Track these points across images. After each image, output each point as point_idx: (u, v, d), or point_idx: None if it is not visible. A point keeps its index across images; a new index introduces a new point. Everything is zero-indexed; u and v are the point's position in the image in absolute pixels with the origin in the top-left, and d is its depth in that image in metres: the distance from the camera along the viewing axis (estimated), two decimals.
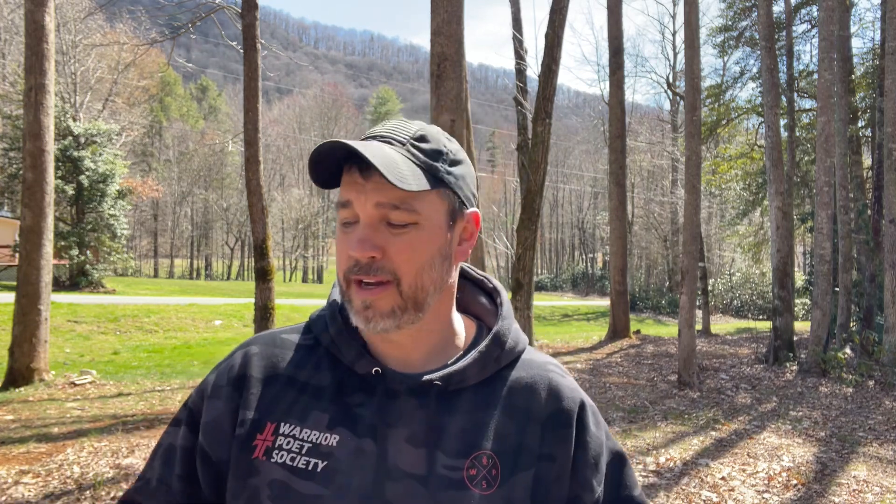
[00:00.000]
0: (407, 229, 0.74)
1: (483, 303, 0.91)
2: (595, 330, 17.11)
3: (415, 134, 0.77)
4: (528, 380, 0.83)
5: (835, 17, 10.13)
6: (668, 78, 28.22)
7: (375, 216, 0.73)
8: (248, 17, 8.55)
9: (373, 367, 0.78)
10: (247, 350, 0.85)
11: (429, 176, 0.75)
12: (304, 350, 0.84)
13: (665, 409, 7.29)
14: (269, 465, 0.75)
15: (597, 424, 0.85)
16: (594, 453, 0.82)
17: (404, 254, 0.74)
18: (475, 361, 0.80)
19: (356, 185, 0.73)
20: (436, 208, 0.76)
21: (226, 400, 0.81)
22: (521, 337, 0.86)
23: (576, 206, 53.39)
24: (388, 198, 0.73)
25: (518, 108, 11.14)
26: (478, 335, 0.87)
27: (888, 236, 9.21)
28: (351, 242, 0.74)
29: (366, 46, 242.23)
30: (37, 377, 7.40)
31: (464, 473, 0.75)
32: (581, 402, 0.84)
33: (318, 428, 0.76)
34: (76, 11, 23.30)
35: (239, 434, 0.78)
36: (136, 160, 40.51)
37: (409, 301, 0.75)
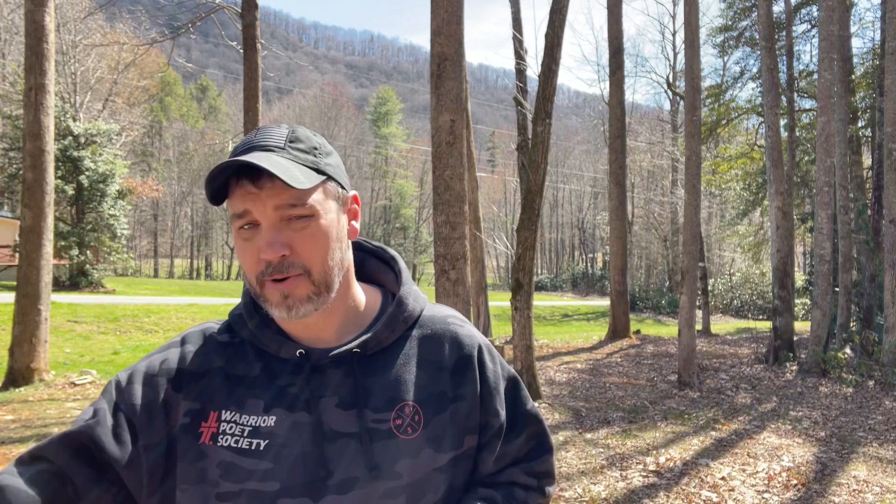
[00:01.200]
0: (306, 222, 0.82)
1: (384, 272, 1.02)
2: (595, 330, 17.11)
3: (288, 136, 0.85)
4: (432, 334, 0.94)
5: (835, 17, 10.13)
6: (668, 78, 28.21)
7: (275, 218, 0.81)
8: (248, 17, 8.55)
9: (296, 350, 0.87)
10: (182, 348, 0.91)
11: (313, 171, 0.84)
12: (230, 347, 0.91)
13: (665, 409, 7.29)
14: (216, 448, 0.82)
15: (492, 360, 0.97)
16: (494, 384, 0.95)
17: (309, 245, 0.82)
18: (384, 326, 0.90)
19: (250, 195, 0.80)
20: (325, 198, 0.85)
21: (162, 389, 0.85)
22: (420, 296, 0.97)
23: (576, 206, 53.37)
24: (284, 199, 0.80)
25: (518, 108, 11.14)
26: (384, 302, 0.98)
27: (888, 236, 9.21)
28: (259, 247, 0.81)
29: (366, 46, 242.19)
30: (37, 377, 7.40)
31: (391, 424, 0.85)
32: (478, 345, 0.96)
33: (256, 413, 0.84)
34: (76, 11, 23.29)
35: (184, 423, 0.84)
36: (136, 160, 40.50)
37: (321, 286, 0.84)
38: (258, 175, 0.80)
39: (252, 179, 0.80)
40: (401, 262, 1.01)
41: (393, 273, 1.01)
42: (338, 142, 57.41)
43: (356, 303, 0.94)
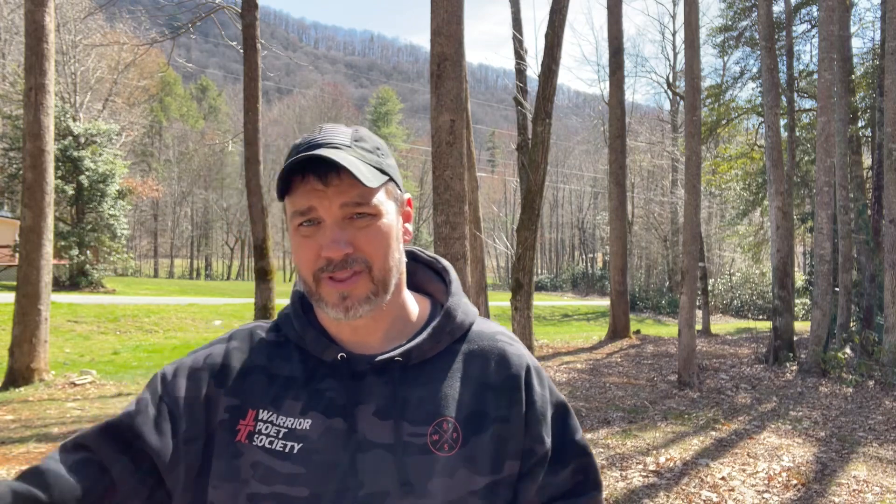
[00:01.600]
0: (370, 221, 0.82)
1: (435, 282, 1.00)
2: (595, 330, 17.11)
3: (353, 136, 0.85)
4: (479, 350, 0.91)
5: (835, 17, 10.13)
6: (668, 78, 28.21)
7: (340, 216, 0.81)
8: (248, 17, 8.56)
9: (338, 353, 0.85)
10: (228, 344, 0.91)
11: (377, 171, 0.84)
12: (275, 346, 0.91)
13: (665, 409, 7.29)
14: (252, 447, 0.82)
15: (541, 383, 0.92)
16: (541, 410, 0.90)
17: (373, 244, 0.82)
18: (430, 336, 0.88)
19: (316, 192, 0.80)
20: (387, 198, 0.86)
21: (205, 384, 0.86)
22: (470, 310, 0.94)
23: (576, 206, 53.37)
24: (351, 197, 0.80)
25: (518, 108, 11.14)
26: (432, 312, 0.95)
27: (888, 236, 9.21)
28: (321, 244, 0.80)
29: (366, 46, 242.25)
30: (37, 377, 7.40)
31: (427, 439, 0.82)
32: (527, 366, 0.92)
33: (292, 414, 0.83)
34: (76, 11, 23.30)
35: (223, 419, 0.84)
36: (136, 160, 40.49)
37: (380, 284, 0.83)
38: (325, 172, 0.80)
39: (319, 176, 0.80)
40: (453, 273, 0.99)
41: (444, 283, 0.99)
42: None
43: (405, 310, 0.92)
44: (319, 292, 0.82)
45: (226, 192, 47.52)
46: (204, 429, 0.84)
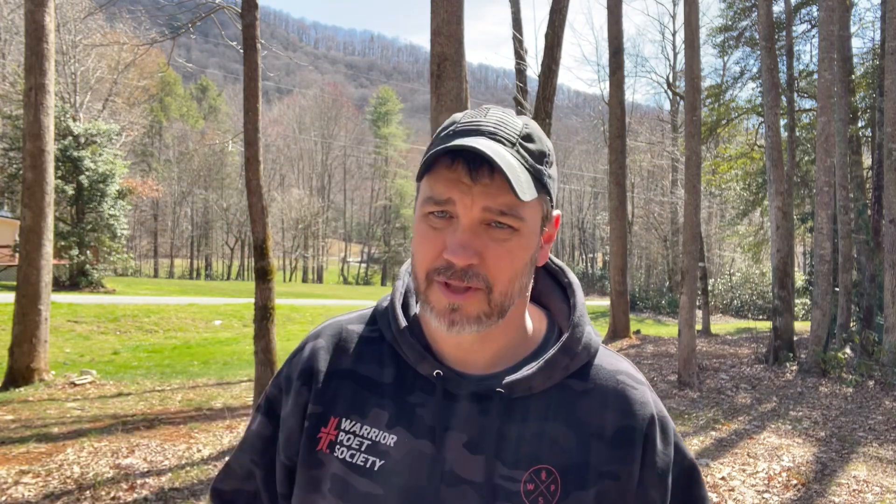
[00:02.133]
0: (508, 235, 0.71)
1: (556, 296, 0.87)
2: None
3: (522, 132, 0.74)
4: (595, 391, 0.78)
5: (835, 17, 10.13)
6: (668, 78, 28.22)
7: (478, 219, 0.70)
8: (248, 17, 8.55)
9: (434, 370, 0.77)
10: (314, 343, 0.86)
11: (536, 181, 0.73)
12: (368, 342, 0.83)
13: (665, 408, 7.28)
14: (332, 458, 0.77)
15: (665, 440, 0.80)
16: (661, 471, 0.78)
17: (503, 261, 0.71)
18: (540, 370, 0.76)
19: (461, 185, 0.70)
20: (535, 214, 0.74)
21: (295, 395, 0.83)
22: (592, 341, 0.81)
23: (576, 206, 53.38)
24: (498, 203, 0.70)
25: (518, 108, 11.13)
26: (548, 335, 0.83)
27: (888, 236, 9.21)
28: (447, 243, 0.70)
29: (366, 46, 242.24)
30: (37, 377, 7.40)
31: (521, 486, 0.73)
32: (650, 417, 0.79)
33: (378, 426, 0.77)
34: (76, 11, 23.29)
35: (307, 427, 0.80)
36: (136, 160, 40.50)
37: (496, 308, 0.72)
38: (478, 165, 0.69)
39: (469, 168, 0.69)
40: (578, 291, 0.85)
41: (566, 303, 0.86)
42: (338, 142, 57.44)
43: (521, 331, 0.81)
44: (429, 295, 0.73)
45: (226, 192, 47.51)
46: (296, 446, 0.81)
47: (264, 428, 0.86)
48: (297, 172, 58.92)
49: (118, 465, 4.50)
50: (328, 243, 58.60)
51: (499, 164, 0.66)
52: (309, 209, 50.34)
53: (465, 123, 0.74)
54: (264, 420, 0.86)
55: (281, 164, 55.58)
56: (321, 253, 55.54)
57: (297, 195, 51.02)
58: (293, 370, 0.85)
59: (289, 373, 0.85)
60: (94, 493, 3.93)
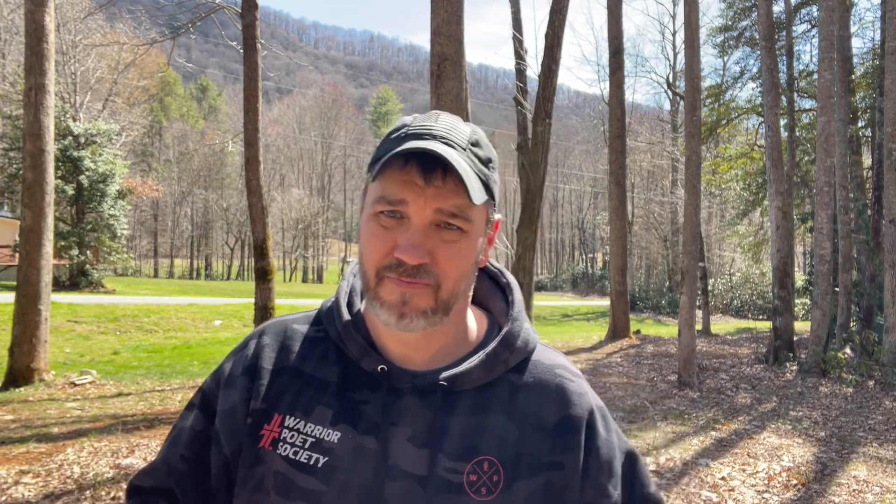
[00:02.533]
0: (457, 236, 0.73)
1: (496, 298, 0.90)
2: (595, 330, 17.11)
3: (471, 138, 0.76)
4: (535, 384, 0.81)
5: (835, 17, 10.13)
6: (668, 78, 28.23)
7: (430, 220, 0.72)
8: (248, 17, 8.55)
9: (378, 365, 0.78)
10: (259, 340, 0.86)
11: (484, 186, 0.75)
12: (312, 342, 0.84)
13: (665, 409, 7.29)
14: (274, 455, 0.77)
15: (607, 428, 0.83)
16: (607, 458, 0.80)
17: (452, 262, 0.73)
18: (482, 363, 0.78)
19: (414, 187, 0.71)
20: (481, 217, 0.77)
21: (240, 390, 0.82)
22: (530, 337, 0.84)
23: (576, 206, 53.41)
24: (449, 205, 0.72)
25: (518, 108, 11.14)
26: (488, 333, 0.86)
27: (888, 236, 9.21)
28: (398, 242, 0.72)
29: (366, 46, 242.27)
30: (37, 377, 7.40)
31: (464, 478, 0.74)
32: (590, 407, 0.82)
33: (322, 423, 0.77)
34: (76, 11, 23.31)
35: (249, 423, 0.80)
36: (136, 160, 40.52)
37: (442, 305, 0.74)
38: (431, 168, 0.71)
39: (423, 170, 0.71)
40: (517, 292, 0.89)
41: (506, 302, 0.89)
42: (338, 142, 57.45)
43: (463, 329, 0.83)
44: (379, 290, 0.74)
45: (226, 192, 47.52)
46: (239, 440, 0.80)
47: (198, 422, 0.85)
48: (297, 172, 58.96)
49: (118, 465, 4.50)
50: (328, 243, 58.61)
51: (455, 166, 0.68)
52: (309, 209, 50.35)
53: (416, 127, 0.75)
54: (199, 415, 0.85)
55: (281, 164, 55.61)
56: (321, 253, 55.55)
57: (297, 195, 51.03)
58: (236, 366, 0.85)
59: (231, 369, 0.85)
60: (94, 493, 3.93)
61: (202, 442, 0.83)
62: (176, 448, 0.85)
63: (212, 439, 0.82)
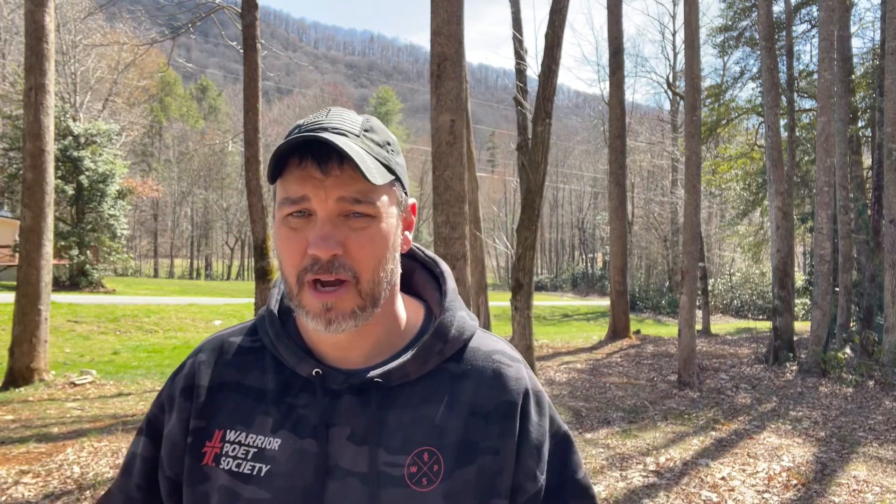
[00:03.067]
0: (367, 223, 0.73)
1: (432, 288, 0.89)
2: (595, 330, 17.11)
3: (364, 125, 0.77)
4: (472, 371, 0.81)
5: (835, 17, 10.13)
6: (668, 78, 28.22)
7: (335, 211, 0.72)
8: (248, 17, 8.56)
9: (313, 369, 0.78)
10: (195, 359, 0.85)
11: (385, 168, 0.75)
12: (248, 353, 0.84)
13: (665, 409, 7.29)
14: (218, 471, 0.76)
15: (540, 412, 0.83)
16: (536, 442, 0.81)
17: (365, 249, 0.73)
18: (415, 357, 0.78)
19: (313, 180, 0.71)
20: (389, 200, 0.76)
21: (178, 411, 0.82)
22: (466, 325, 0.84)
23: (576, 206, 53.39)
24: (351, 192, 0.72)
25: (518, 108, 11.14)
26: (424, 324, 0.85)
27: (888, 236, 9.21)
28: (309, 240, 0.72)
29: (366, 46, 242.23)
30: (37, 377, 7.40)
31: (405, 470, 0.74)
32: (525, 391, 0.82)
33: (263, 432, 0.77)
34: (76, 11, 23.30)
35: (190, 443, 0.79)
36: (136, 160, 40.52)
37: (368, 298, 0.74)
38: (326, 159, 0.71)
39: (318, 163, 0.71)
40: (450, 280, 0.88)
41: (440, 292, 0.88)
42: None
43: (395, 321, 0.82)
44: (301, 298, 0.73)
45: (226, 192, 47.52)
46: (180, 462, 0.80)
47: (146, 450, 0.84)
48: None
49: (118, 465, 4.50)
50: None
51: (345, 150, 0.69)
52: None
53: (308, 124, 0.75)
54: (147, 441, 0.85)
55: None
56: None
57: None
58: (175, 388, 0.84)
59: (170, 391, 0.84)
60: (94, 493, 3.93)
61: (152, 468, 0.83)
62: (130, 477, 0.85)
63: (159, 466, 0.83)
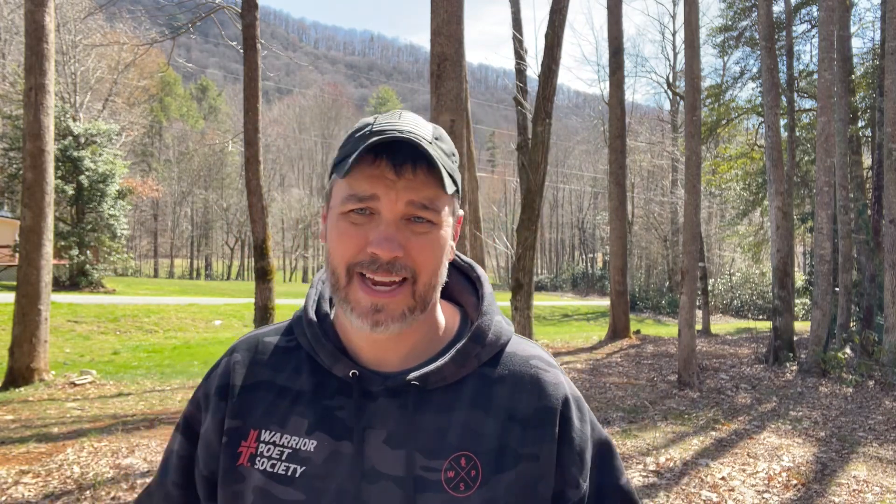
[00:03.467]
0: (428, 228, 0.74)
1: (468, 293, 0.90)
2: (595, 330, 17.11)
3: (434, 133, 0.77)
4: (509, 376, 0.80)
5: (835, 17, 10.13)
6: (668, 78, 28.22)
7: (402, 213, 0.72)
8: (248, 17, 8.56)
9: (350, 370, 0.77)
10: (230, 358, 0.85)
11: (451, 177, 0.75)
12: (284, 353, 0.84)
13: (665, 409, 7.29)
14: (252, 471, 0.76)
15: (581, 418, 0.82)
16: (579, 448, 0.80)
17: (425, 253, 0.73)
18: (452, 360, 0.78)
19: (385, 181, 0.71)
20: (449, 209, 0.77)
21: (213, 412, 0.82)
22: (503, 330, 0.84)
23: (576, 206, 53.39)
24: (421, 197, 0.72)
25: (518, 108, 11.14)
26: (461, 328, 0.85)
27: (888, 236, 9.21)
28: (370, 238, 0.72)
29: (366, 46, 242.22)
30: (37, 377, 7.40)
31: (442, 475, 0.73)
32: (564, 397, 0.81)
33: (298, 433, 0.77)
34: (76, 11, 23.30)
35: (225, 442, 0.79)
36: (136, 160, 40.51)
37: (420, 301, 0.74)
38: (401, 161, 0.71)
39: (394, 164, 0.71)
40: (487, 285, 0.88)
41: (477, 297, 0.88)
42: (338, 142, 57.46)
43: (434, 326, 0.82)
44: (349, 292, 0.73)
45: (226, 192, 47.52)
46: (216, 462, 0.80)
47: (182, 448, 0.85)
48: (297, 172, 58.96)
49: (118, 465, 4.50)
50: None
51: (431, 154, 0.70)
52: (309, 209, 50.34)
53: (381, 125, 0.75)
54: (183, 440, 0.85)
55: (281, 164, 55.60)
56: (321, 253, 55.47)
57: (297, 195, 51.05)
58: (210, 386, 0.84)
59: (206, 390, 0.85)
60: (94, 493, 3.93)
61: (189, 466, 0.84)
62: (167, 475, 0.86)
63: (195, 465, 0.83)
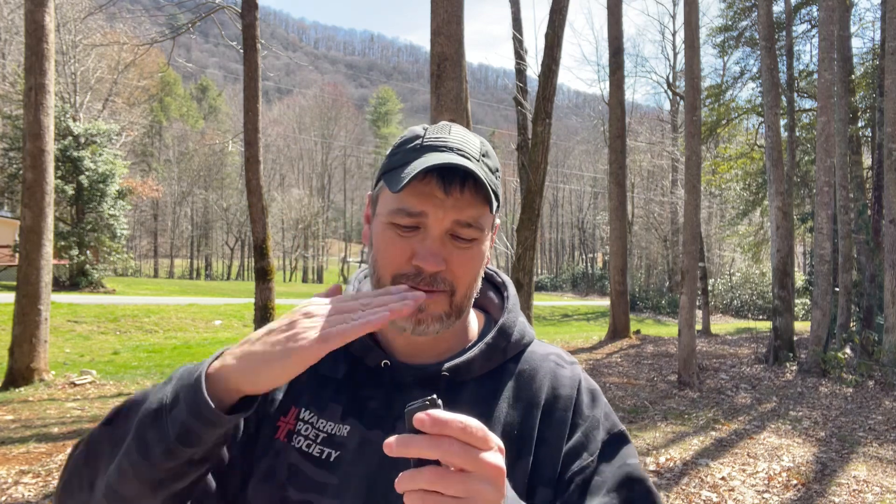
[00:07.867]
0: (469, 244, 0.77)
1: (491, 296, 0.95)
2: (595, 330, 17.11)
3: (481, 149, 0.79)
4: (530, 371, 0.85)
5: (835, 17, 10.13)
6: (668, 78, 28.22)
7: (448, 230, 0.76)
8: (248, 17, 8.56)
9: (382, 360, 0.82)
10: None
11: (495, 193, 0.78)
12: None
13: (665, 409, 7.29)
14: (289, 447, 0.80)
15: (593, 405, 0.85)
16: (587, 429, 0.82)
17: (465, 267, 0.77)
18: (481, 353, 0.83)
19: (434, 199, 0.74)
20: (489, 224, 0.80)
21: None
22: (527, 330, 0.89)
23: (576, 206, 53.39)
24: (466, 216, 0.75)
25: (518, 108, 11.13)
26: (486, 327, 0.90)
27: (888, 236, 9.22)
28: (416, 250, 0.75)
29: (366, 46, 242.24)
30: (37, 377, 7.40)
31: None
32: (578, 385, 0.85)
33: (333, 419, 0.81)
34: (76, 11, 23.30)
35: (267, 412, 0.82)
36: (136, 160, 40.51)
37: (456, 310, 0.78)
38: (450, 180, 0.74)
39: (443, 183, 0.74)
40: (511, 288, 0.94)
41: (500, 298, 0.93)
42: (337, 142, 57.45)
43: (464, 330, 0.87)
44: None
45: (226, 192, 47.52)
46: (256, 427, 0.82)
47: None
48: (297, 172, 58.95)
49: None
50: (328, 243, 58.61)
51: (482, 179, 0.73)
52: (309, 209, 50.33)
53: (431, 139, 0.78)
54: None
55: (281, 164, 55.60)
56: (321, 253, 55.54)
57: (297, 195, 51.02)
58: None
59: None
60: None
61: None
62: None
63: None
